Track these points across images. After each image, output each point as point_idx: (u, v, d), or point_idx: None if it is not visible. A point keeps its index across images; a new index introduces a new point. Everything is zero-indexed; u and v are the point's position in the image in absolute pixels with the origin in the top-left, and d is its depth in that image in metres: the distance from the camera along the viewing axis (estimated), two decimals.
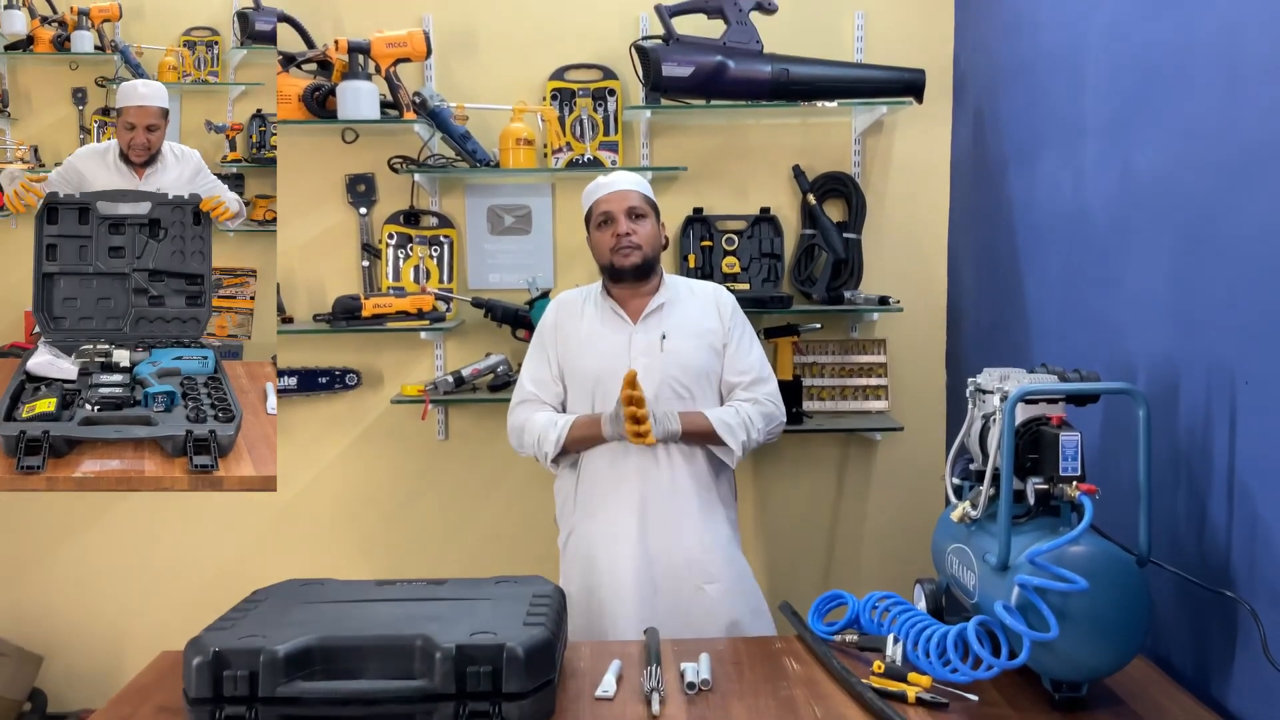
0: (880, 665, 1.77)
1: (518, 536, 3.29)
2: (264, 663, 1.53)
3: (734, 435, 2.38)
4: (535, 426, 2.44)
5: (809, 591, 2.25)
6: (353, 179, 3.26)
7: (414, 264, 3.27)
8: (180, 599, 3.20)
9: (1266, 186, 1.59)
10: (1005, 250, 2.77)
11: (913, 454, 3.32)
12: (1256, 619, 1.57)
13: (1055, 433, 1.67)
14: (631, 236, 2.41)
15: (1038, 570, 1.59)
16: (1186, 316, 1.82)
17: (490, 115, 3.17)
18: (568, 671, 1.83)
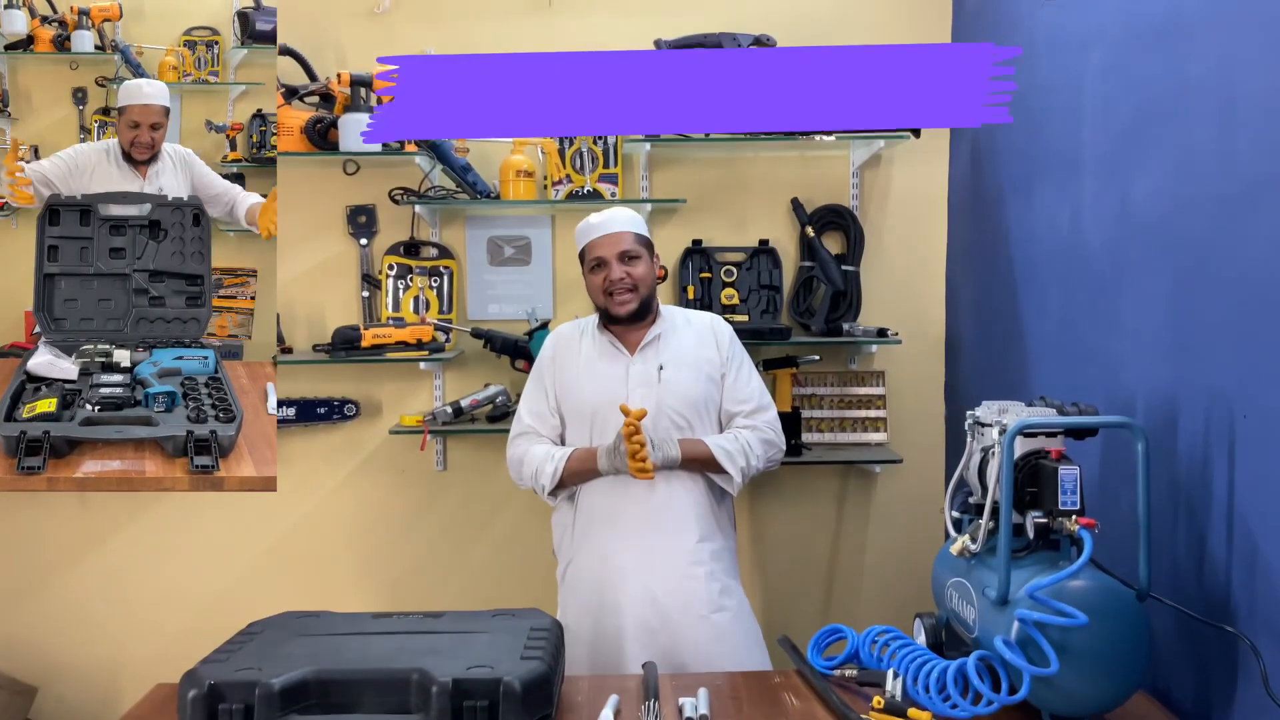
0: (880, 700, 1.75)
1: (516, 568, 3.28)
2: (259, 696, 1.52)
3: (733, 462, 2.38)
4: (533, 459, 2.44)
5: (807, 624, 2.24)
6: (354, 210, 3.28)
7: (414, 294, 3.28)
8: (175, 629, 3.18)
9: (1262, 221, 1.60)
10: (1003, 283, 2.78)
11: (912, 486, 3.31)
12: (1257, 654, 1.56)
13: (1054, 466, 1.67)
14: (625, 281, 2.42)
15: (1037, 605, 1.59)
16: (1185, 349, 1.83)
17: (490, 147, 3.19)
18: (565, 705, 1.82)
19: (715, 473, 2.41)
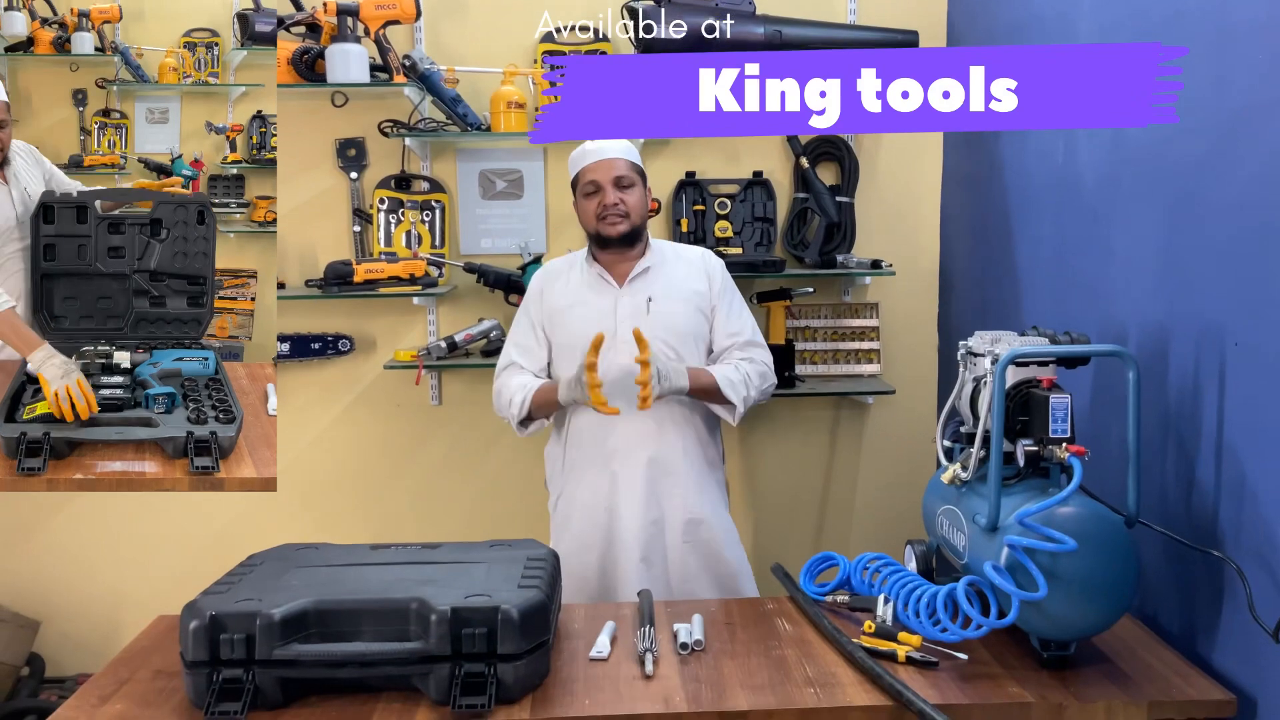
0: (871, 625, 1.79)
1: (511, 500, 3.30)
2: (260, 626, 1.55)
3: (737, 392, 2.39)
4: (508, 391, 2.46)
5: (800, 553, 2.27)
6: (343, 143, 3.24)
7: (406, 229, 3.26)
8: (175, 563, 3.21)
9: (1256, 149, 1.59)
10: (997, 214, 2.77)
11: (904, 417, 3.33)
12: (1243, 578, 1.59)
13: (1045, 395, 1.68)
14: (618, 207, 2.41)
15: (1027, 531, 1.61)
16: (1177, 279, 1.83)
17: (481, 79, 3.14)
18: (562, 633, 1.85)
19: (718, 403, 2.42)
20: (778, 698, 1.61)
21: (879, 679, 1.61)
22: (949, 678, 1.65)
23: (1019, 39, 2.64)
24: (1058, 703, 1.58)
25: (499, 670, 1.56)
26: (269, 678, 1.55)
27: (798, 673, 1.69)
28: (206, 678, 1.55)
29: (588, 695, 1.62)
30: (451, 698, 1.54)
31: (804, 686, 1.64)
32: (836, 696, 1.61)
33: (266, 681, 1.55)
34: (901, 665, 1.69)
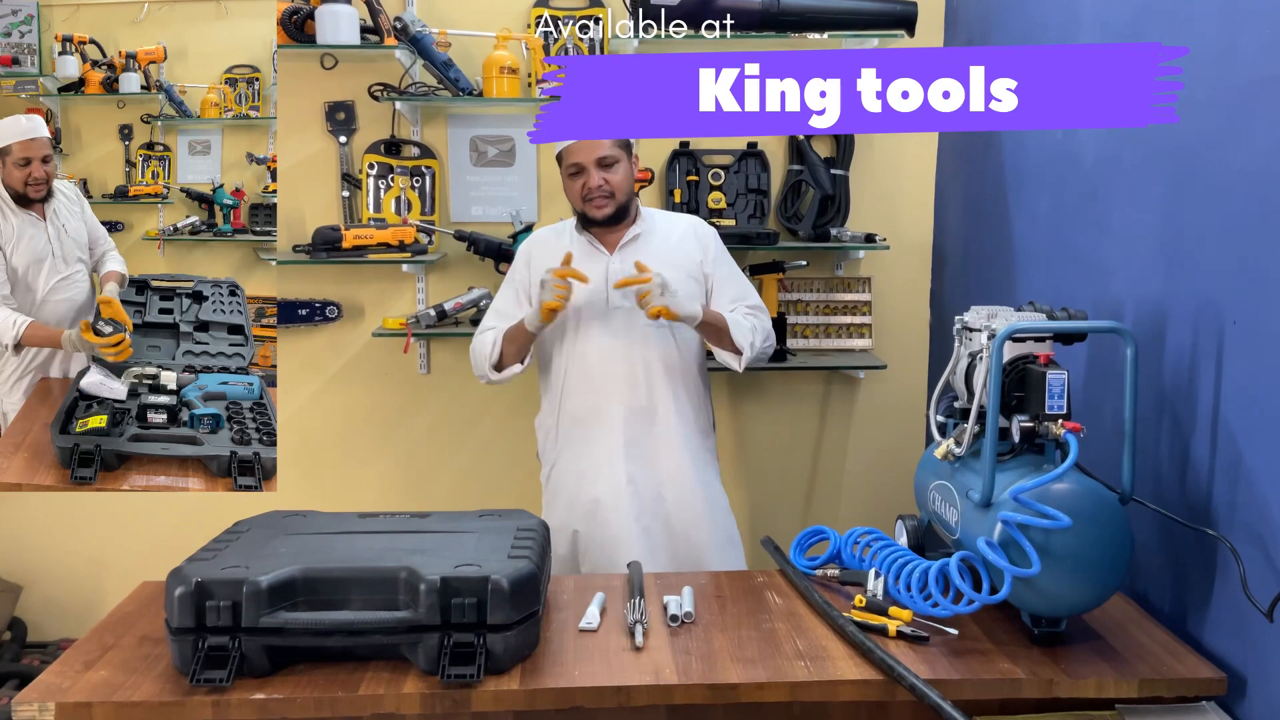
0: (861, 599, 1.78)
1: (501, 469, 3.29)
2: (247, 593, 1.53)
3: (746, 338, 2.38)
4: (484, 344, 2.46)
5: (790, 527, 2.27)
6: (332, 106, 3.19)
7: (395, 195, 3.22)
8: (160, 529, 3.19)
9: (1257, 125, 1.58)
10: (993, 188, 2.75)
11: (895, 392, 3.33)
12: (1236, 557, 1.58)
13: (1042, 371, 1.67)
14: (602, 188, 2.38)
15: (1021, 507, 1.60)
16: (1175, 256, 1.82)
17: (473, 43, 3.10)
18: (552, 604, 1.84)
19: (725, 348, 2.41)
20: (768, 671, 1.60)
21: (870, 653, 1.61)
22: (940, 653, 1.65)
23: (1019, 12, 2.61)
24: (1048, 679, 1.58)
25: (488, 640, 1.55)
26: (255, 645, 1.54)
27: (788, 646, 1.68)
28: (192, 645, 1.53)
29: (577, 666, 1.61)
30: (440, 667, 1.53)
31: (794, 660, 1.63)
32: (827, 670, 1.60)
33: (253, 649, 1.54)
34: (892, 640, 1.69)
